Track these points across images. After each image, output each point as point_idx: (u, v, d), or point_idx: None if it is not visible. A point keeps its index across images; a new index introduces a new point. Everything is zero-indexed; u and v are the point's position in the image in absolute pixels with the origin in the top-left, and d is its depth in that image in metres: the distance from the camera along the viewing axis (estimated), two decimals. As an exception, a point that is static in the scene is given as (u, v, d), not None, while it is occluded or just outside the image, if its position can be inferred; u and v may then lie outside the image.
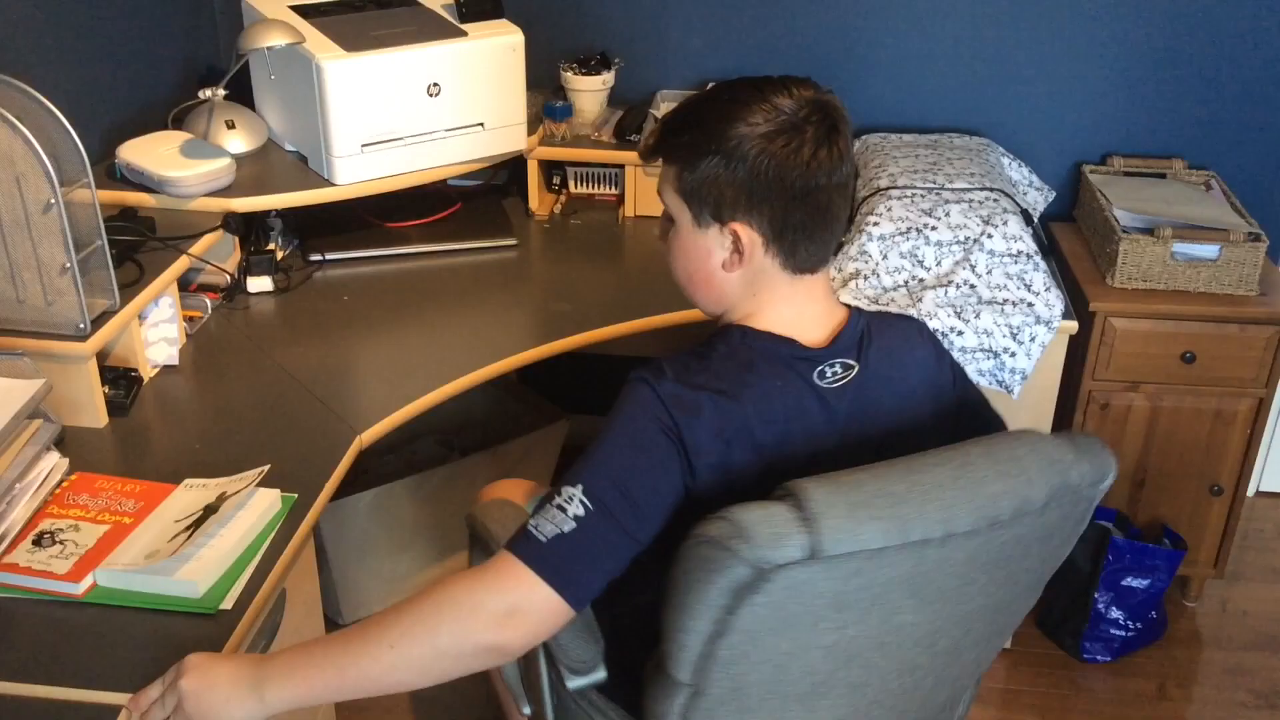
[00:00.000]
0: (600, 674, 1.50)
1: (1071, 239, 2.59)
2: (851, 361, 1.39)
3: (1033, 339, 2.21)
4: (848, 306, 1.45)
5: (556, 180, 2.61)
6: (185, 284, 2.07)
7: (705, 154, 1.33)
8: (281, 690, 1.28)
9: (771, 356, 1.37)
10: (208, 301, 2.09)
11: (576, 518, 1.27)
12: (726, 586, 1.19)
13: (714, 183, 1.33)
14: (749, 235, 1.35)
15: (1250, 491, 2.94)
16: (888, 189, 2.35)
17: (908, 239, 2.25)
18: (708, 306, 1.44)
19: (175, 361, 1.94)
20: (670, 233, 1.43)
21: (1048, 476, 1.26)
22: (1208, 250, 2.34)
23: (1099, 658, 2.50)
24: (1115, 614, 2.47)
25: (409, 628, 1.27)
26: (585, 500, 1.28)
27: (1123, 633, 2.48)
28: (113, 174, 2.13)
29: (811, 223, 1.35)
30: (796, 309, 1.39)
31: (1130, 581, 2.44)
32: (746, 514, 1.18)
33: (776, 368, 1.36)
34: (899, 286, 2.26)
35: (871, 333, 1.42)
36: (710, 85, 1.35)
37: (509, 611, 1.26)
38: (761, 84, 1.34)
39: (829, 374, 1.38)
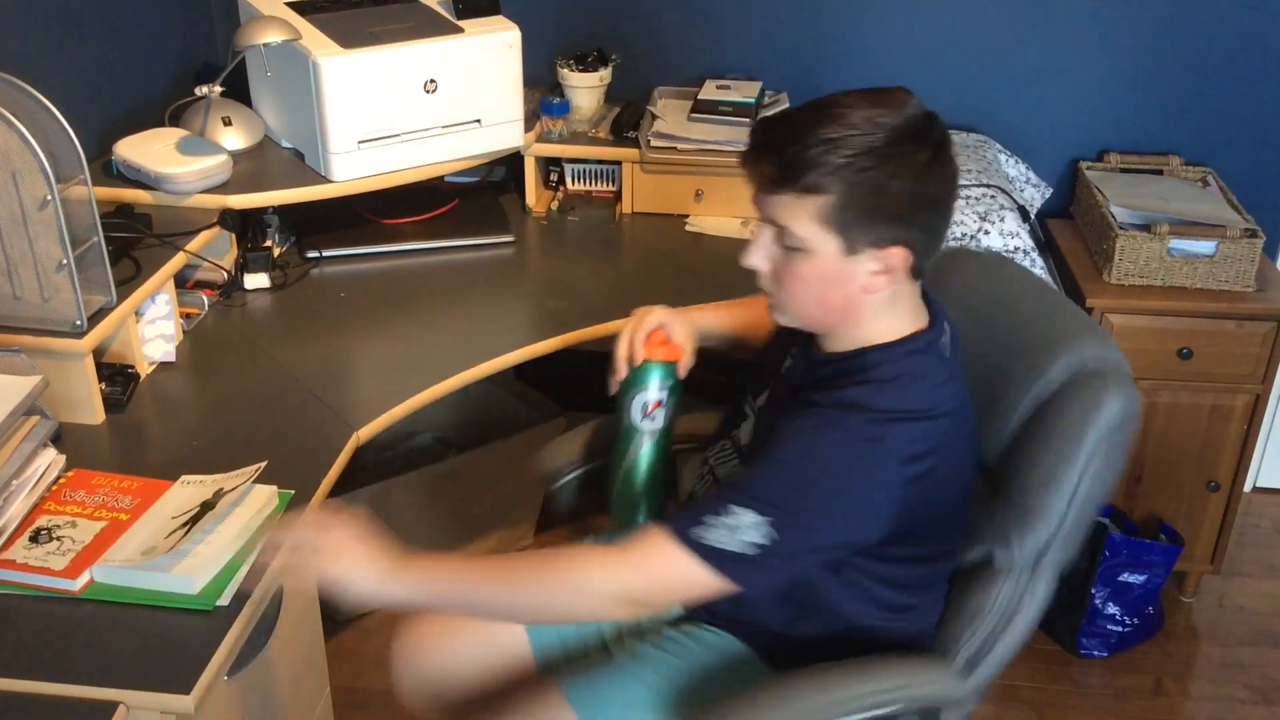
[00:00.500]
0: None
1: (1068, 235, 2.59)
2: (946, 325, 1.45)
3: (1029, 335, 2.21)
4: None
5: (554, 177, 2.61)
6: (182, 281, 2.07)
7: (862, 180, 1.29)
8: (415, 587, 1.35)
9: (918, 357, 1.40)
10: (205, 298, 2.09)
11: (756, 545, 1.32)
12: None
13: (874, 208, 1.31)
14: (904, 256, 1.34)
15: (1247, 487, 2.94)
16: (885, 185, 2.34)
17: (905, 235, 2.25)
18: (831, 327, 1.43)
19: (172, 358, 1.94)
20: (794, 261, 1.36)
21: None
22: (1204, 246, 2.34)
23: (1095, 653, 2.50)
24: (1112, 609, 2.47)
25: (555, 585, 1.34)
26: (775, 534, 1.32)
27: (1119, 628, 2.49)
28: (109, 171, 2.13)
29: (943, 236, 1.39)
30: (912, 308, 1.43)
31: (1127, 577, 2.44)
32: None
33: (927, 363, 1.41)
34: (896, 283, 2.26)
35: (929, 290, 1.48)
36: (812, 101, 1.34)
37: (659, 587, 1.35)
38: (881, 98, 1.34)
39: (945, 343, 1.44)
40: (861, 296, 1.37)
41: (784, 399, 1.48)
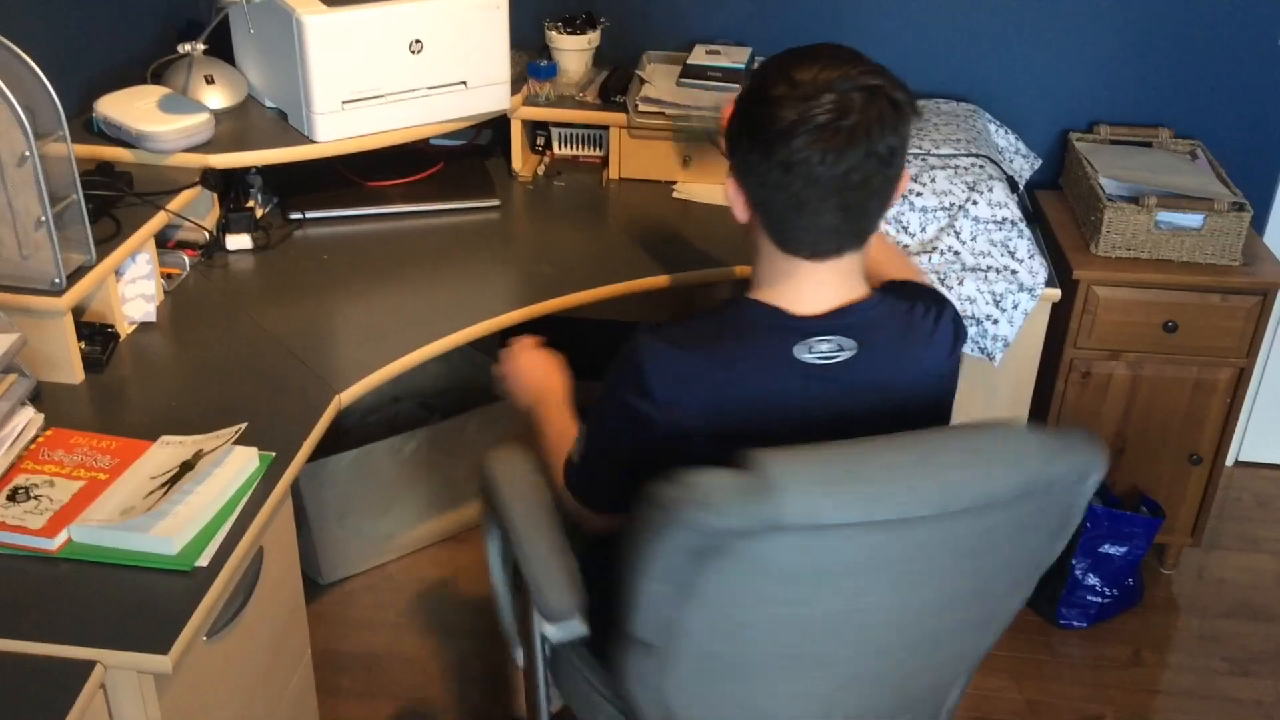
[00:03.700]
0: (579, 629, 1.50)
1: (1057, 207, 2.59)
2: (851, 341, 1.38)
3: (1015, 306, 2.21)
4: (879, 289, 1.44)
5: (540, 141, 2.58)
6: (163, 241, 2.05)
7: (741, 109, 1.37)
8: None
9: (755, 323, 1.38)
10: (186, 259, 2.07)
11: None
12: (680, 550, 1.18)
13: (731, 137, 1.39)
14: (737, 194, 1.40)
15: (1229, 461, 2.96)
16: (873, 154, 2.33)
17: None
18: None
19: (152, 318, 1.92)
20: None
21: (1014, 470, 1.23)
22: (1192, 219, 2.34)
23: (1075, 623, 2.52)
24: (1092, 580, 2.48)
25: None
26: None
27: (1099, 599, 2.50)
28: (90, 128, 2.10)
29: (786, 215, 1.35)
30: (772, 275, 1.40)
31: (1108, 548, 2.45)
32: (703, 478, 1.16)
33: (759, 334, 1.37)
34: (883, 252, 2.26)
35: (887, 318, 1.42)
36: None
37: None
38: (799, 56, 1.33)
39: (819, 349, 1.37)
40: (742, 222, 1.42)
41: None
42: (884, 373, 1.41)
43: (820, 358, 1.37)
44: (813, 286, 1.39)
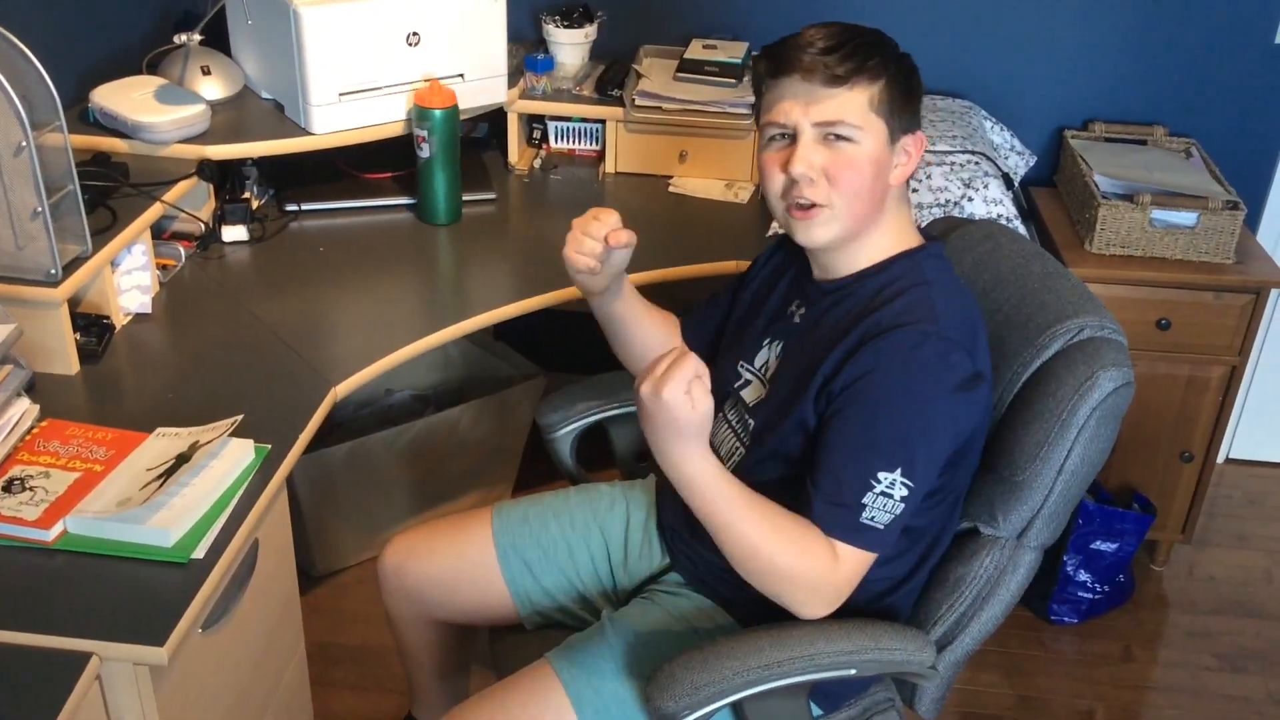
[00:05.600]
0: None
1: (1051, 204, 2.60)
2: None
3: (1010, 303, 2.21)
4: None
5: (536, 134, 2.58)
6: (159, 232, 2.05)
7: (903, 67, 1.45)
8: (697, 477, 1.35)
9: (938, 262, 1.52)
10: (181, 250, 2.06)
11: (903, 499, 1.38)
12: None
13: (908, 93, 1.45)
14: (923, 143, 1.49)
15: (1220, 458, 2.97)
16: (869, 150, 2.34)
17: (888, 200, 2.25)
18: (863, 227, 1.48)
19: (148, 310, 1.92)
20: (845, 153, 1.43)
21: None
22: (1186, 218, 2.35)
23: (1066, 619, 2.53)
24: (1083, 577, 2.49)
25: (780, 563, 1.38)
26: (910, 481, 1.37)
27: (1090, 595, 2.51)
28: (86, 118, 2.10)
29: None
30: (911, 221, 1.55)
31: (1099, 545, 2.46)
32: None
33: (949, 269, 1.53)
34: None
35: None
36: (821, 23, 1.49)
37: (851, 584, 1.42)
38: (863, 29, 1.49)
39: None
40: (887, 189, 1.47)
41: (809, 343, 1.49)
42: None
43: None
44: None
